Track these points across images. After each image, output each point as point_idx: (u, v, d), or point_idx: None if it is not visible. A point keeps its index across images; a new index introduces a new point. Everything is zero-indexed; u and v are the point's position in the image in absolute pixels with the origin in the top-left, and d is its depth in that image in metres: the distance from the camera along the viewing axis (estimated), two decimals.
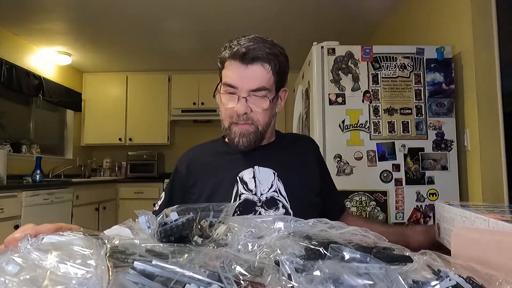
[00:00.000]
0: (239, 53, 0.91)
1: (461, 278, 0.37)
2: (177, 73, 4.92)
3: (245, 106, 0.93)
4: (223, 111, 0.99)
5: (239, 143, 0.97)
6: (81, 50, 4.17)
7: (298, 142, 1.14)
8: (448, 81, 2.01)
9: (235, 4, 3.09)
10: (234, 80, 0.93)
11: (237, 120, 0.96)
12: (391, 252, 0.43)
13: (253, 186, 0.97)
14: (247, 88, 0.93)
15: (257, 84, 0.93)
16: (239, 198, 0.96)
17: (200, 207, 0.58)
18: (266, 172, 0.99)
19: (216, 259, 0.39)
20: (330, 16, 3.30)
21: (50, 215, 3.11)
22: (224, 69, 0.96)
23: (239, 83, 0.93)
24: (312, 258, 0.40)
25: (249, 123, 0.96)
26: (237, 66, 0.93)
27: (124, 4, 3.07)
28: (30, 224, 0.62)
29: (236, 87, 0.93)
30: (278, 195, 0.97)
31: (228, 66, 0.95)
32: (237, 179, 0.98)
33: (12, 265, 0.38)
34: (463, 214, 0.64)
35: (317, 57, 2.03)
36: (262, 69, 0.93)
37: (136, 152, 4.90)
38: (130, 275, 0.34)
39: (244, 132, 0.96)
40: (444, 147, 1.98)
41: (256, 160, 1.01)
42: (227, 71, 0.95)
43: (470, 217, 0.61)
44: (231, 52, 0.93)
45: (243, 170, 0.99)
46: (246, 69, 0.92)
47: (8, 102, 3.76)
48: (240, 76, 0.93)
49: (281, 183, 0.98)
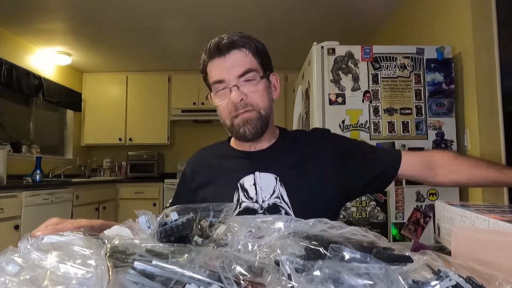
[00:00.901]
0: (214, 48, 0.93)
1: (461, 278, 0.37)
2: (177, 73, 4.92)
3: (239, 93, 0.92)
4: (221, 110, 0.97)
5: (245, 132, 0.94)
6: (81, 50, 4.17)
7: (303, 139, 1.05)
8: (448, 81, 2.01)
9: (235, 4, 3.09)
10: (219, 75, 0.94)
11: (236, 112, 0.94)
12: (391, 252, 0.43)
13: (254, 194, 0.94)
14: (234, 76, 0.93)
15: (242, 69, 0.93)
16: (240, 206, 0.93)
17: (200, 207, 0.58)
18: (268, 177, 0.95)
19: (216, 259, 0.39)
20: (330, 16, 3.30)
21: (50, 215, 3.07)
22: (208, 74, 0.97)
23: (224, 75, 0.93)
24: (312, 258, 0.40)
25: (249, 110, 0.94)
26: (217, 62, 0.94)
27: (124, 4, 3.07)
28: (54, 219, 0.63)
29: (223, 80, 0.94)
30: (281, 201, 0.92)
31: (210, 68, 0.96)
32: (238, 186, 0.96)
33: (12, 265, 0.38)
34: (463, 214, 0.64)
35: (317, 57, 2.03)
36: (240, 54, 0.94)
37: (136, 152, 4.90)
38: (130, 275, 0.34)
39: (247, 119, 0.94)
40: (444, 147, 1.98)
41: (257, 165, 0.97)
42: (211, 73, 0.96)
43: (470, 217, 0.61)
44: (208, 53, 0.95)
45: (244, 176, 0.96)
46: (226, 59, 0.93)
47: (8, 102, 3.76)
48: (222, 68, 0.93)
49: (283, 188, 0.93)
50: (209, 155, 1.10)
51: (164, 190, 4.51)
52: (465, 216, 0.62)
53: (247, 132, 0.94)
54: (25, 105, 4.07)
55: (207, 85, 1.01)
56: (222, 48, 0.93)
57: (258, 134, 0.96)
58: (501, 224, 0.52)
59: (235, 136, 1.00)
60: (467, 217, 0.62)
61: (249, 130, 0.94)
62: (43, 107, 4.29)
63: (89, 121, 4.90)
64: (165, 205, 1.11)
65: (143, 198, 4.49)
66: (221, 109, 0.97)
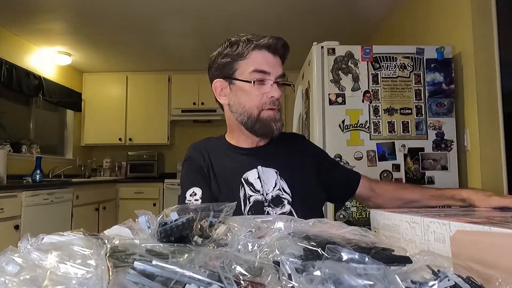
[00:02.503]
0: (270, 42, 0.97)
1: (460, 278, 0.37)
2: (177, 73, 4.92)
3: (280, 90, 0.99)
4: (253, 99, 0.98)
5: (276, 128, 0.99)
6: (81, 50, 4.17)
7: (293, 141, 1.16)
8: (448, 81, 2.01)
9: (236, 4, 3.09)
10: (267, 67, 0.97)
11: (271, 106, 0.98)
12: (390, 252, 0.43)
13: (260, 187, 0.99)
14: (276, 74, 0.98)
15: (282, 70, 1.00)
16: (249, 200, 0.97)
17: (200, 207, 0.58)
18: (270, 172, 1.00)
19: (216, 259, 0.39)
20: (330, 16, 3.30)
21: (50, 215, 3.11)
22: (249, 59, 0.98)
23: (272, 69, 0.98)
24: (311, 259, 0.40)
25: (279, 109, 1.01)
26: (267, 55, 0.98)
27: (124, 4, 3.07)
28: None
29: (269, 72, 0.97)
30: (283, 193, 0.98)
31: (257, 55, 0.98)
32: (242, 181, 0.99)
33: (12, 265, 0.38)
34: (411, 219, 0.62)
35: (317, 57, 2.03)
36: (281, 61, 1.02)
37: (136, 152, 4.91)
38: (130, 275, 0.34)
39: (277, 118, 1.00)
40: (444, 147, 1.98)
41: (259, 160, 1.02)
42: (255, 59, 0.98)
43: (422, 222, 0.59)
44: (261, 43, 0.97)
45: (247, 171, 1.00)
46: (275, 57, 0.99)
47: (8, 102, 3.76)
48: (271, 62, 0.98)
49: (283, 181, 1.00)
50: (211, 147, 1.07)
51: (164, 190, 4.51)
52: (415, 222, 0.61)
53: (277, 129, 1.00)
54: (25, 105, 4.07)
55: (223, 71, 1.01)
56: (277, 47, 0.99)
57: (279, 133, 1.02)
58: (475, 227, 0.50)
59: (259, 129, 1.00)
60: (417, 222, 0.60)
61: (279, 128, 1.00)
62: (43, 107, 4.29)
63: (89, 121, 4.90)
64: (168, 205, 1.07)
65: (143, 198, 4.49)
66: (253, 98, 0.98)
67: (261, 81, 0.97)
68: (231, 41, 1.00)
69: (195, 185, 0.96)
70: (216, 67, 1.03)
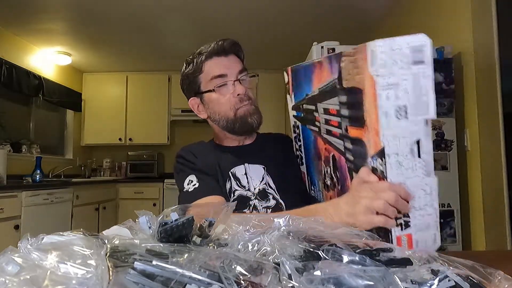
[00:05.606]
0: (217, 48, 1.01)
1: (460, 277, 0.37)
2: (177, 73, 4.82)
3: (243, 86, 1.01)
4: (223, 104, 1.02)
5: (253, 122, 1.02)
6: (81, 50, 4.17)
7: (279, 140, 1.19)
8: (448, 81, 2.01)
9: (236, 4, 3.09)
10: (221, 70, 1.01)
11: (241, 103, 1.01)
12: (390, 254, 0.43)
13: (246, 182, 1.02)
14: (235, 71, 1.01)
15: (241, 66, 1.03)
16: (233, 194, 1.00)
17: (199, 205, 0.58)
18: (256, 168, 1.04)
19: (216, 259, 0.39)
20: (330, 16, 3.30)
21: (50, 215, 3.11)
22: (205, 72, 1.03)
23: (226, 70, 1.01)
24: (311, 260, 0.40)
25: (250, 103, 1.02)
26: (218, 60, 1.02)
27: (124, 4, 3.07)
28: None
29: (226, 74, 1.01)
30: (268, 188, 1.02)
31: (209, 65, 1.03)
32: (229, 175, 1.02)
33: (12, 265, 0.38)
34: None
35: (317, 57, 2.03)
36: (237, 58, 1.05)
37: (136, 152, 4.90)
38: (130, 275, 0.34)
39: (251, 111, 1.02)
40: (444, 147, 1.98)
41: (246, 157, 1.05)
42: (210, 69, 1.02)
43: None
44: (207, 53, 1.02)
45: (234, 166, 1.04)
46: (227, 58, 1.02)
47: (8, 102, 3.76)
48: (224, 65, 1.01)
49: (269, 177, 1.04)
50: (199, 149, 1.10)
51: (164, 190, 4.51)
52: None
53: (255, 122, 1.02)
54: (25, 105, 4.07)
55: (192, 89, 1.07)
56: (225, 48, 1.02)
57: (260, 124, 1.04)
58: None
59: (239, 128, 1.03)
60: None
61: (257, 120, 1.02)
62: (43, 107, 4.29)
63: (89, 121, 4.90)
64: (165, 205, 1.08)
65: (143, 198, 4.49)
66: (223, 103, 1.02)
67: (223, 85, 1.01)
68: (187, 60, 1.08)
69: (189, 174, 1.00)
70: (186, 88, 1.11)
